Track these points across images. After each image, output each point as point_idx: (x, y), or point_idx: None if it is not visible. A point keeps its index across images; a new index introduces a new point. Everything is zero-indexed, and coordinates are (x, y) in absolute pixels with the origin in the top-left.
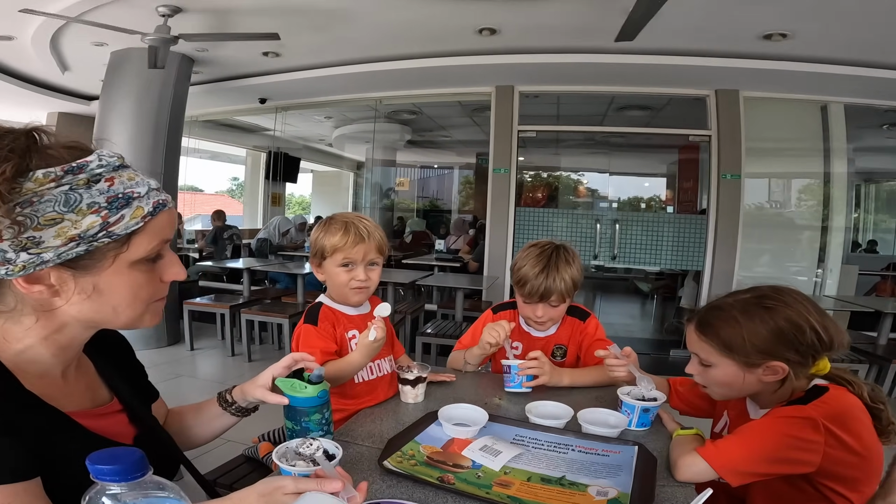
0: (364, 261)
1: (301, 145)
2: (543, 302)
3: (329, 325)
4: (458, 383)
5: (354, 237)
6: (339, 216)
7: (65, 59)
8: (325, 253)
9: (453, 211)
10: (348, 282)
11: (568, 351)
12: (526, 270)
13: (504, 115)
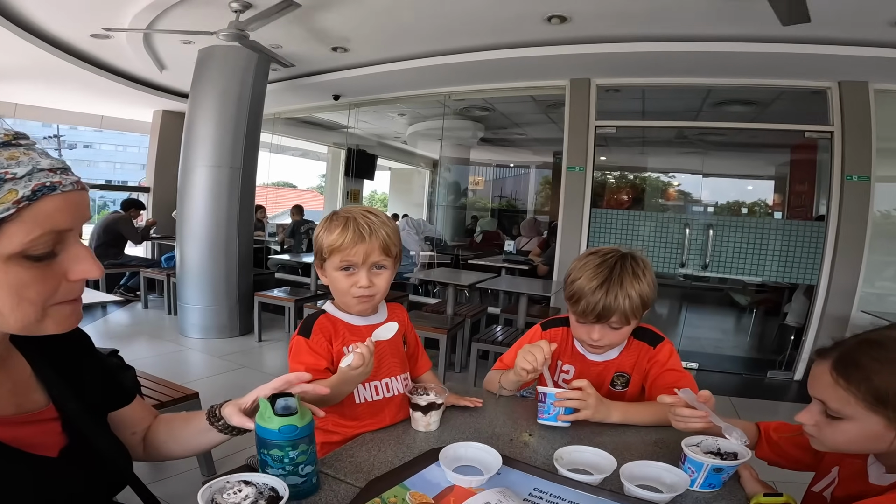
0: (366, 263)
1: (378, 142)
2: (601, 323)
3: (324, 338)
4: (488, 410)
5: (354, 235)
6: (343, 210)
7: (160, 58)
8: (324, 253)
9: (529, 212)
10: (349, 288)
11: (631, 380)
12: (581, 284)
13: (579, 110)
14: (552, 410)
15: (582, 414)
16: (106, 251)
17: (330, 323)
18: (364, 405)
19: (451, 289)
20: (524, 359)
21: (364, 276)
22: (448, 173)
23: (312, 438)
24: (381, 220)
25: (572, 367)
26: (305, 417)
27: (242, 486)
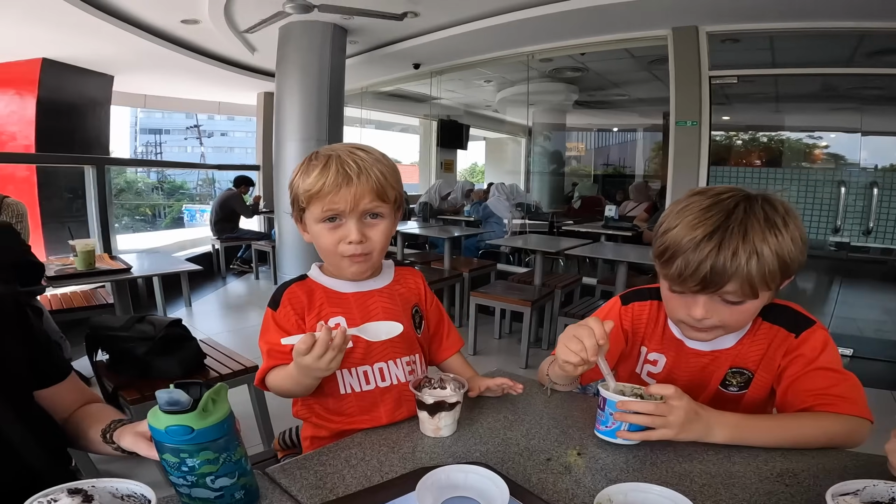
0: (355, 212)
1: (468, 112)
2: (709, 293)
3: (293, 311)
4: (531, 411)
5: (337, 176)
6: (325, 148)
7: (248, 39)
8: (301, 201)
9: (637, 177)
10: (336, 245)
11: (754, 380)
12: (678, 234)
13: (686, 61)
14: (611, 422)
15: (657, 434)
16: (223, 226)
17: (304, 292)
18: (351, 397)
19: (538, 256)
20: (567, 348)
21: (354, 229)
22: (543, 140)
23: (232, 443)
24: (374, 157)
25: (663, 358)
26: (214, 415)
27: (58, 496)
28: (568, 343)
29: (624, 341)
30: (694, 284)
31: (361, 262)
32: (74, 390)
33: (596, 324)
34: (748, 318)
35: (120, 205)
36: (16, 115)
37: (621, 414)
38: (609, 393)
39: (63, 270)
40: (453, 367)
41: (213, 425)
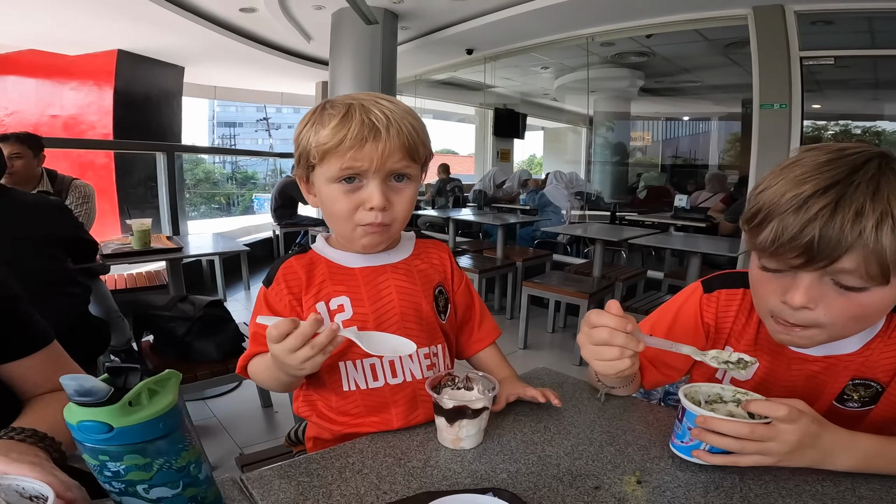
0: (381, 171)
1: (524, 101)
2: (814, 270)
3: (286, 290)
4: (578, 419)
5: (361, 129)
6: (341, 97)
7: (303, 26)
8: (311, 157)
9: (711, 167)
10: (352, 212)
11: (885, 394)
12: (777, 191)
13: (772, 42)
14: (688, 437)
15: (749, 460)
16: (282, 212)
17: (303, 267)
18: (356, 395)
19: (598, 246)
20: (604, 362)
21: (377, 192)
22: (606, 130)
23: (174, 446)
24: (403, 109)
25: (756, 362)
26: (144, 411)
27: None
28: (600, 354)
29: (704, 338)
30: (794, 255)
31: (380, 232)
32: (47, 369)
33: (605, 317)
34: (869, 316)
35: (198, 194)
36: (95, 105)
37: (701, 432)
38: (689, 402)
39: (120, 249)
40: (485, 363)
41: (140, 424)
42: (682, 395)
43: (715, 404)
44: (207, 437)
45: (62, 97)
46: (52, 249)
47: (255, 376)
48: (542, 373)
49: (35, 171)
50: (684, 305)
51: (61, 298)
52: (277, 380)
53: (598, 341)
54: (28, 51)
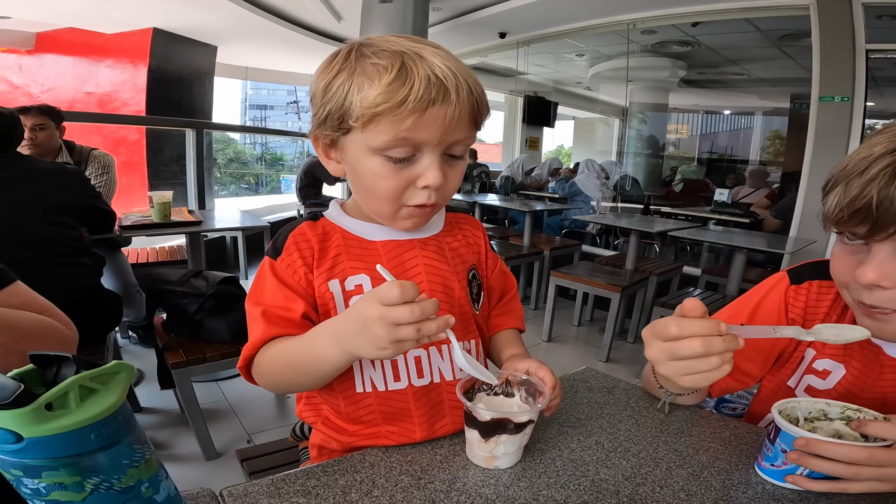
0: (443, 144)
1: (557, 89)
2: (881, 239)
3: (300, 257)
4: (641, 436)
5: (428, 88)
6: (375, 40)
7: (334, 6)
8: (350, 119)
9: (752, 162)
10: (402, 192)
11: None
12: (850, 157)
13: (835, 33)
14: (781, 461)
15: (862, 487)
16: (307, 192)
17: (315, 235)
18: (371, 398)
19: (633, 237)
20: (702, 373)
21: (436, 168)
22: (639, 123)
23: (119, 461)
24: (460, 63)
25: (840, 368)
26: (71, 417)
27: None
28: (692, 368)
29: None
30: (856, 223)
31: (429, 213)
32: (18, 294)
33: (691, 323)
34: None
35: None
36: (129, 82)
37: (800, 456)
38: (784, 422)
39: (139, 222)
40: (501, 342)
41: (62, 434)
42: (775, 412)
43: (818, 422)
44: (216, 421)
45: (98, 74)
46: (62, 217)
47: (269, 369)
48: (588, 374)
49: (55, 143)
50: (767, 297)
51: (70, 268)
52: (318, 367)
53: (690, 354)
54: (67, 29)
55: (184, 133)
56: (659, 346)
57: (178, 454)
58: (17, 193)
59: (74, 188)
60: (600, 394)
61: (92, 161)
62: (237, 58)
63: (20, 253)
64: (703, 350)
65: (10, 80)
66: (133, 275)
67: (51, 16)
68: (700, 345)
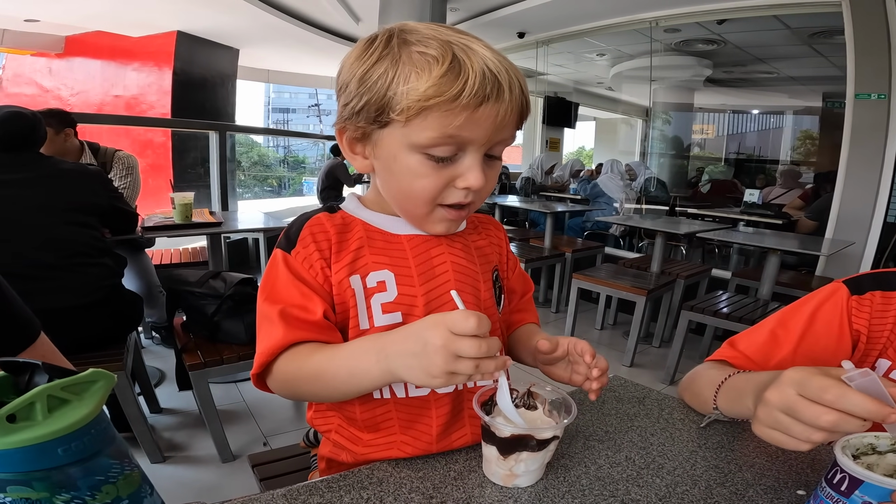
0: (489, 142)
1: (577, 89)
2: None
3: (317, 249)
4: (676, 451)
5: (483, 83)
6: (418, 26)
7: (352, 8)
8: (393, 112)
9: (782, 162)
10: (441, 188)
11: None
12: None
13: (871, 29)
14: None
15: None
16: (328, 194)
17: (333, 225)
18: (390, 405)
19: (659, 239)
20: (806, 435)
21: (477, 168)
22: (663, 123)
23: (91, 476)
24: (508, 61)
25: None
26: (39, 429)
27: None
28: (806, 435)
29: (850, 348)
30: None
31: (462, 216)
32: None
33: (855, 400)
34: None
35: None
36: (155, 85)
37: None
38: (870, 473)
39: (161, 223)
40: (525, 333)
41: (27, 447)
42: (839, 453)
43: (865, 457)
44: (234, 423)
45: (125, 78)
46: (83, 217)
47: (292, 378)
48: (616, 383)
49: (63, 147)
50: (822, 309)
51: (91, 268)
52: (351, 378)
53: (820, 425)
54: (95, 32)
55: (208, 136)
56: (791, 398)
57: (194, 456)
58: (38, 194)
59: (96, 188)
60: (630, 404)
61: (116, 162)
62: (259, 60)
63: (41, 253)
64: (835, 427)
65: (41, 84)
66: (156, 276)
67: (77, 18)
68: (836, 421)
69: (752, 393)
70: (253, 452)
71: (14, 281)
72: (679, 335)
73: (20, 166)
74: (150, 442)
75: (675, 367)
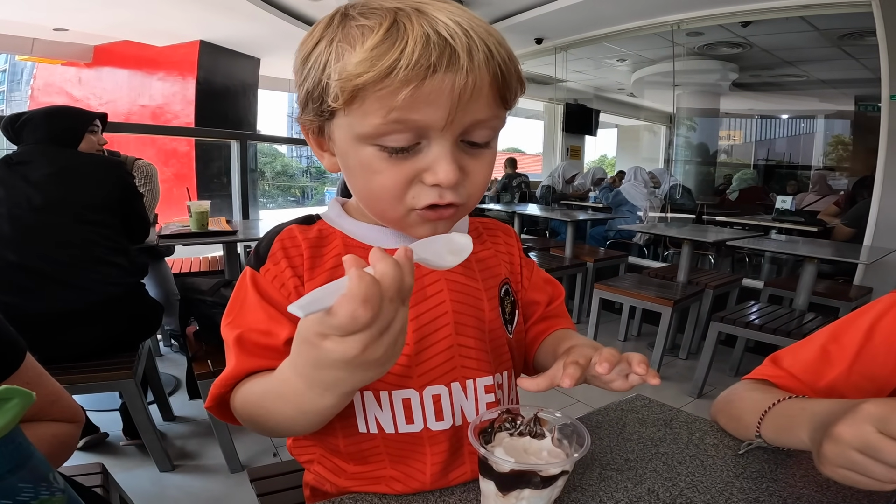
0: (456, 126)
1: (598, 96)
2: None
3: (288, 265)
4: (708, 479)
5: (426, 49)
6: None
7: None
8: (331, 98)
9: (813, 168)
10: (405, 189)
11: None
12: None
13: None
14: None
15: None
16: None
17: (307, 240)
18: (377, 439)
19: (686, 247)
20: (858, 452)
21: (447, 159)
22: (687, 129)
23: None
24: (479, 21)
25: None
26: None
27: None
28: (883, 475)
29: None
30: None
31: (447, 218)
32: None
33: None
34: None
35: (276, 186)
36: (179, 94)
37: None
38: None
39: (179, 231)
40: (554, 341)
41: None
42: None
43: None
44: (245, 433)
45: (150, 87)
46: (94, 215)
47: (248, 412)
48: (639, 403)
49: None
50: (881, 322)
51: (103, 267)
52: (308, 408)
53: None
54: (122, 42)
55: (230, 145)
56: (870, 436)
57: (203, 465)
58: (51, 191)
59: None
60: (655, 427)
61: (136, 171)
62: (280, 70)
63: (55, 250)
64: None
65: (71, 93)
66: (175, 284)
67: (103, 27)
68: None
69: (808, 424)
70: (259, 464)
71: (25, 279)
72: (708, 347)
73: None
74: (159, 450)
75: (704, 380)
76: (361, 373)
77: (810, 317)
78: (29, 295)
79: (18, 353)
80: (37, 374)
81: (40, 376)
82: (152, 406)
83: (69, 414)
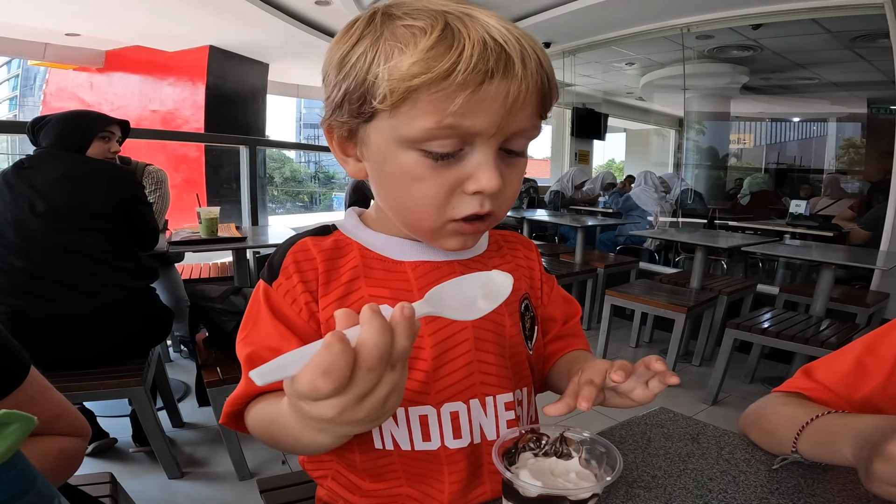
0: (502, 133)
1: (606, 100)
2: None
3: (300, 280)
4: (740, 495)
5: (483, 55)
6: (405, 1)
7: None
8: (376, 98)
9: (825, 172)
10: (447, 198)
11: None
12: None
13: None
14: None
15: None
16: None
17: (321, 251)
18: (394, 456)
19: (699, 253)
20: None
21: (491, 167)
22: (697, 133)
23: None
24: (522, 30)
25: None
26: None
27: None
28: None
29: None
30: None
31: (482, 229)
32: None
33: None
34: None
35: (285, 191)
36: (189, 100)
37: None
38: None
39: (189, 237)
40: (568, 361)
41: None
42: None
43: None
44: (254, 440)
45: (161, 92)
46: (103, 222)
47: (259, 434)
48: (663, 416)
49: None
50: None
51: (109, 272)
52: (306, 442)
53: None
54: (133, 47)
55: (239, 151)
56: None
57: (212, 472)
58: (52, 196)
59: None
60: (682, 442)
61: (147, 176)
62: (288, 75)
63: (59, 255)
64: None
65: (83, 98)
66: (184, 290)
67: (113, 32)
68: None
69: (853, 441)
70: (268, 473)
71: (32, 283)
72: (723, 354)
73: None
74: (168, 457)
75: (719, 387)
76: (347, 428)
77: (827, 323)
78: (36, 299)
79: (23, 367)
80: (41, 387)
81: (45, 390)
82: (161, 412)
83: (75, 427)
